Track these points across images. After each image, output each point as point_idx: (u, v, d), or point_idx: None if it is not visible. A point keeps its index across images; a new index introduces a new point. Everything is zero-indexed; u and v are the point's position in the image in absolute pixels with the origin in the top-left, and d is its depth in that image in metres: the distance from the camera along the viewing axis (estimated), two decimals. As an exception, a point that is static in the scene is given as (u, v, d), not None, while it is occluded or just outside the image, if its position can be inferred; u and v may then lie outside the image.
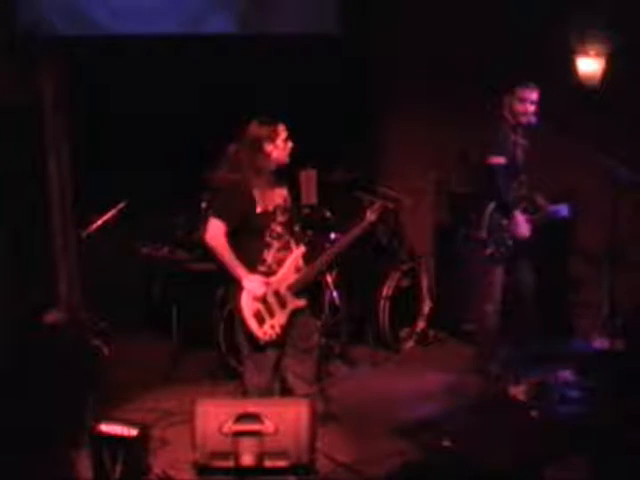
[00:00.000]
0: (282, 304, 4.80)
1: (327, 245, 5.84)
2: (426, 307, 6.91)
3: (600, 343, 6.09)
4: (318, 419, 4.57)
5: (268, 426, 4.23)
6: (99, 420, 4.40)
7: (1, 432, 4.68)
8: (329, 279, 6.45)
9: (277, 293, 4.79)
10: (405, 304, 6.79)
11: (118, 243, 6.71)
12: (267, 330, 4.73)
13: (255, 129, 4.78)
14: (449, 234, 7.21)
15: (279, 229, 4.80)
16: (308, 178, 7.20)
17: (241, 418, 4.26)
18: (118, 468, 4.26)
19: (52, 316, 5.61)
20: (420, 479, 4.52)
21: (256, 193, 4.73)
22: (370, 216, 5.04)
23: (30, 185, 6.41)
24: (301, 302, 4.87)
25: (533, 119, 5.63)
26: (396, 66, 7.35)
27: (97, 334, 5.72)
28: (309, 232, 6.28)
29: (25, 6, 6.40)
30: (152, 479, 4.51)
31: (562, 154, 6.27)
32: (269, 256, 4.79)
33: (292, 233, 4.91)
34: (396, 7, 7.10)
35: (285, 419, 4.27)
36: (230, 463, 4.25)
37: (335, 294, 6.43)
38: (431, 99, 7.15)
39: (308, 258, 5.00)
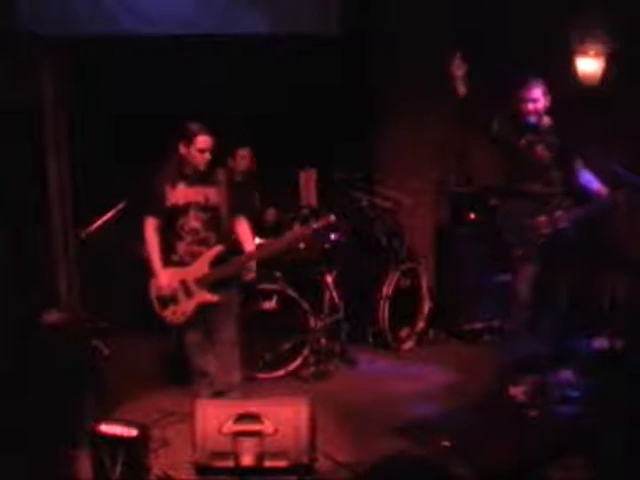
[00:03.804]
0: (188, 294, 5.02)
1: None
2: (426, 307, 6.91)
3: (600, 343, 6.09)
4: (317, 419, 4.57)
5: (268, 426, 4.23)
6: (99, 420, 4.40)
7: (1, 432, 4.68)
8: (329, 279, 6.45)
9: (183, 282, 5.00)
10: (405, 304, 6.80)
11: (118, 243, 6.69)
12: (168, 314, 5.05)
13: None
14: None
15: (195, 224, 5.01)
16: (308, 178, 7.20)
17: (241, 418, 4.26)
18: (118, 468, 4.26)
19: (52, 316, 5.61)
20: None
21: (167, 188, 5.01)
22: (303, 230, 5.31)
23: (30, 185, 6.41)
24: (210, 297, 5.02)
25: (538, 117, 5.50)
26: (396, 66, 7.34)
27: (97, 334, 5.72)
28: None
29: (25, 5, 6.39)
30: (152, 479, 4.51)
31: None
32: (181, 247, 5.03)
33: (215, 231, 5.04)
34: (396, 7, 7.09)
35: (285, 419, 4.27)
36: (230, 463, 4.26)
37: (335, 294, 6.43)
38: (431, 99, 7.14)
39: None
